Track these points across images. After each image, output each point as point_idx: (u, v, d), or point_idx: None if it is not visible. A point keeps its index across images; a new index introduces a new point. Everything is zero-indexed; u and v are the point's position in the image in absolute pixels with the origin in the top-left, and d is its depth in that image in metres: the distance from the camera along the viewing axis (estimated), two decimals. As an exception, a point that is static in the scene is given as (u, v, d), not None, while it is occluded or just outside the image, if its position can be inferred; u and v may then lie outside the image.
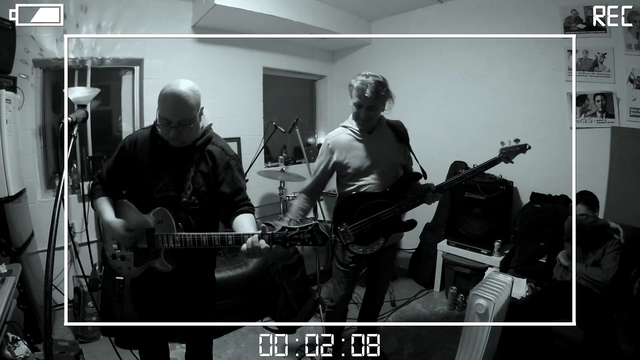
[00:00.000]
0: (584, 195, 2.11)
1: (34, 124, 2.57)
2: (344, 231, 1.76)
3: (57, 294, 2.45)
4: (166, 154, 1.35)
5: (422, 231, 3.32)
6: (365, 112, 1.74)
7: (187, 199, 1.33)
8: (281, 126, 3.14)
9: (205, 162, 1.37)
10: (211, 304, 1.57)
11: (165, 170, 1.35)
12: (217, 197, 1.39)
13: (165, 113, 1.26)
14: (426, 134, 3.48)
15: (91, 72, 2.67)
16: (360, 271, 2.31)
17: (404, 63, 3.60)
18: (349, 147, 1.80)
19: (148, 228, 1.32)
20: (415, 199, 1.77)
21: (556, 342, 1.96)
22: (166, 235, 1.30)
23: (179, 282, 1.43)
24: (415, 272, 3.23)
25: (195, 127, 1.33)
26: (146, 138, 1.38)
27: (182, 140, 1.31)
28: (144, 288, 1.47)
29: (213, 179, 1.38)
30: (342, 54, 4.18)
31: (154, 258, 1.34)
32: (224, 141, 1.47)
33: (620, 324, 1.90)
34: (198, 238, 1.28)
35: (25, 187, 2.28)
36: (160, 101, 1.27)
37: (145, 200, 1.34)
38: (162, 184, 1.34)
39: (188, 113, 1.27)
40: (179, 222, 1.32)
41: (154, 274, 1.37)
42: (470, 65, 3.17)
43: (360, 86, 1.70)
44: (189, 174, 1.34)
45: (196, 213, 1.35)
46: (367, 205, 1.75)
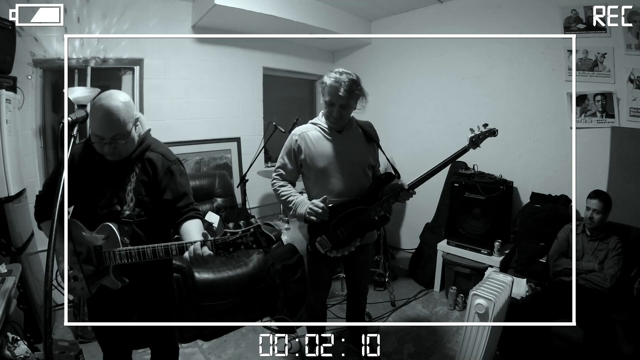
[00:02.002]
0: (601, 193, 2.10)
1: (34, 124, 2.57)
2: (322, 241, 1.77)
3: (57, 294, 2.43)
4: (104, 168, 1.31)
5: (422, 231, 3.32)
6: (337, 111, 1.70)
7: (131, 211, 1.29)
8: (281, 126, 3.14)
9: (145, 170, 1.34)
10: (170, 311, 1.53)
11: (106, 185, 1.31)
12: (162, 205, 1.35)
13: (97, 130, 1.22)
14: (426, 134, 3.50)
15: (91, 72, 2.67)
16: (334, 271, 2.33)
17: (404, 63, 3.60)
18: (317, 145, 1.77)
19: (96, 246, 1.28)
20: (389, 199, 1.75)
21: (556, 342, 1.96)
22: (112, 251, 1.26)
23: (133, 297, 1.40)
24: (415, 272, 3.23)
25: (131, 139, 1.28)
26: (81, 153, 1.33)
27: (119, 154, 1.28)
28: (99, 306, 1.43)
29: (155, 187, 1.34)
30: (342, 54, 4.18)
31: (104, 276, 1.30)
32: (165, 146, 1.43)
33: (620, 324, 1.90)
34: (143, 251, 1.25)
35: (25, 187, 2.28)
36: (91, 116, 1.22)
37: (91, 218, 1.30)
38: (104, 200, 1.31)
39: (121, 128, 1.23)
40: (124, 236, 1.28)
41: (107, 291, 1.33)
42: (470, 66, 3.17)
43: (334, 84, 1.66)
44: (130, 185, 1.30)
45: (143, 224, 1.32)
46: (344, 214, 1.75)
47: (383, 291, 2.97)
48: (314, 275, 1.98)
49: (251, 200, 3.39)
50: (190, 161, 3.23)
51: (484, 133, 1.78)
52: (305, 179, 1.87)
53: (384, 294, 2.94)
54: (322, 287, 2.00)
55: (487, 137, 1.80)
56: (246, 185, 3.23)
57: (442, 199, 3.28)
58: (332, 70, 1.72)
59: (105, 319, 1.43)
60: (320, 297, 2.02)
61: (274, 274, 2.49)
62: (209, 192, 3.04)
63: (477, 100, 3.15)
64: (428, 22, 3.39)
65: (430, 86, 3.46)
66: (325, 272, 1.97)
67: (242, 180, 3.20)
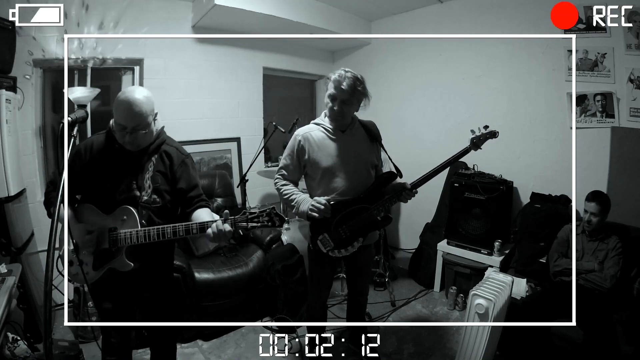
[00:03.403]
0: (599, 195, 2.08)
1: (34, 124, 2.57)
2: (323, 240, 1.77)
3: (57, 294, 2.44)
4: (124, 157, 1.41)
5: (422, 231, 3.32)
6: (339, 106, 1.71)
7: (148, 197, 1.40)
8: (281, 126, 3.14)
9: (162, 161, 1.45)
10: (173, 303, 1.61)
11: (125, 172, 1.41)
12: (176, 194, 1.46)
13: (121, 119, 1.32)
14: (426, 134, 3.50)
15: (91, 72, 2.67)
16: (335, 272, 2.34)
17: (404, 63, 3.60)
18: (321, 145, 1.78)
19: (110, 227, 1.36)
20: (391, 198, 1.76)
21: (556, 342, 1.96)
22: (129, 231, 1.34)
23: (140, 281, 1.47)
24: (415, 272, 3.23)
25: (150, 131, 1.39)
26: (102, 143, 1.43)
27: (138, 144, 1.38)
28: (105, 290, 1.48)
29: (171, 176, 1.46)
30: (342, 54, 4.18)
31: (115, 258, 1.37)
32: (177, 142, 1.56)
33: (620, 324, 1.90)
34: (163, 230, 1.33)
35: (25, 187, 2.28)
36: (115, 108, 1.32)
37: (108, 203, 1.39)
38: (123, 186, 1.40)
39: (142, 119, 1.33)
40: (142, 219, 1.37)
41: (112, 275, 1.40)
42: (470, 65, 3.17)
43: (338, 79, 1.68)
44: (148, 174, 1.41)
45: (158, 210, 1.42)
46: (345, 213, 1.75)
47: (383, 291, 2.97)
48: (316, 274, 1.98)
49: (251, 200, 3.39)
50: (190, 161, 3.23)
51: (485, 135, 1.80)
52: (309, 178, 1.87)
53: (384, 294, 2.94)
54: (323, 287, 2.00)
55: (488, 139, 1.81)
56: (246, 185, 3.23)
57: (442, 199, 3.28)
58: (339, 68, 1.74)
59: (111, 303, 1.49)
60: (322, 296, 2.03)
61: (274, 274, 2.49)
62: (209, 192, 3.04)
63: (477, 100, 3.15)
64: (428, 22, 3.39)
65: (430, 86, 3.46)
66: (327, 272, 1.97)
67: (242, 180, 3.20)
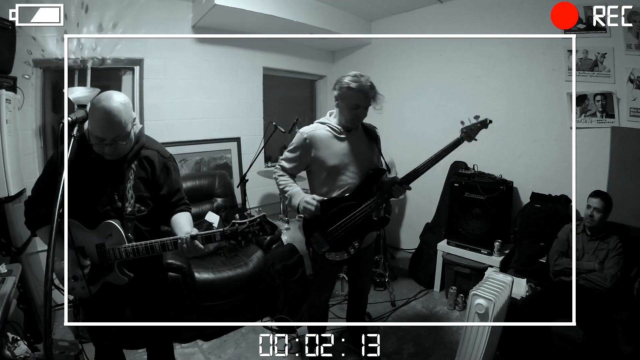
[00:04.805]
0: (602, 193, 2.12)
1: (34, 124, 2.57)
2: (317, 239, 1.76)
3: (57, 294, 2.43)
4: (102, 167, 1.32)
5: (422, 231, 3.32)
6: (363, 112, 1.75)
7: (132, 207, 1.32)
8: (281, 126, 3.14)
9: (143, 167, 1.37)
10: (165, 305, 1.58)
11: (104, 182, 1.33)
12: (158, 199, 1.41)
13: (97, 132, 1.22)
14: (426, 134, 3.49)
15: (91, 72, 2.66)
16: (338, 273, 2.33)
17: (404, 63, 3.60)
18: (328, 144, 1.79)
19: (97, 244, 1.29)
20: (382, 194, 1.76)
21: (556, 342, 1.96)
22: (117, 248, 1.28)
23: (130, 289, 1.41)
24: (415, 272, 3.23)
25: (130, 139, 1.30)
26: (76, 152, 1.28)
27: (118, 154, 1.30)
28: (99, 304, 1.43)
29: (153, 182, 1.39)
30: (342, 54, 4.18)
31: (109, 272, 1.32)
32: (157, 142, 1.46)
33: (620, 324, 1.90)
34: (151, 246, 1.28)
35: (25, 187, 2.28)
36: (92, 118, 1.22)
37: (90, 216, 1.30)
38: (105, 197, 1.32)
39: (122, 129, 1.24)
40: (128, 232, 1.30)
41: (107, 287, 1.35)
42: (470, 66, 3.17)
43: (360, 88, 1.69)
44: (130, 183, 1.33)
45: (144, 219, 1.36)
46: (335, 210, 1.75)
47: (383, 291, 2.97)
48: (319, 276, 1.97)
49: (251, 200, 3.39)
50: (190, 161, 3.23)
51: (476, 125, 1.78)
52: (312, 177, 1.88)
53: (384, 294, 2.94)
54: (325, 288, 2.00)
55: (481, 129, 1.78)
56: (246, 185, 3.23)
57: (442, 199, 3.28)
58: (349, 74, 1.73)
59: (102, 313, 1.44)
60: (324, 297, 2.03)
61: (274, 274, 2.49)
62: (209, 192, 3.04)
63: (477, 100, 3.15)
64: (428, 22, 3.38)
65: (430, 86, 3.45)
66: (330, 273, 1.97)
67: (242, 180, 3.20)
